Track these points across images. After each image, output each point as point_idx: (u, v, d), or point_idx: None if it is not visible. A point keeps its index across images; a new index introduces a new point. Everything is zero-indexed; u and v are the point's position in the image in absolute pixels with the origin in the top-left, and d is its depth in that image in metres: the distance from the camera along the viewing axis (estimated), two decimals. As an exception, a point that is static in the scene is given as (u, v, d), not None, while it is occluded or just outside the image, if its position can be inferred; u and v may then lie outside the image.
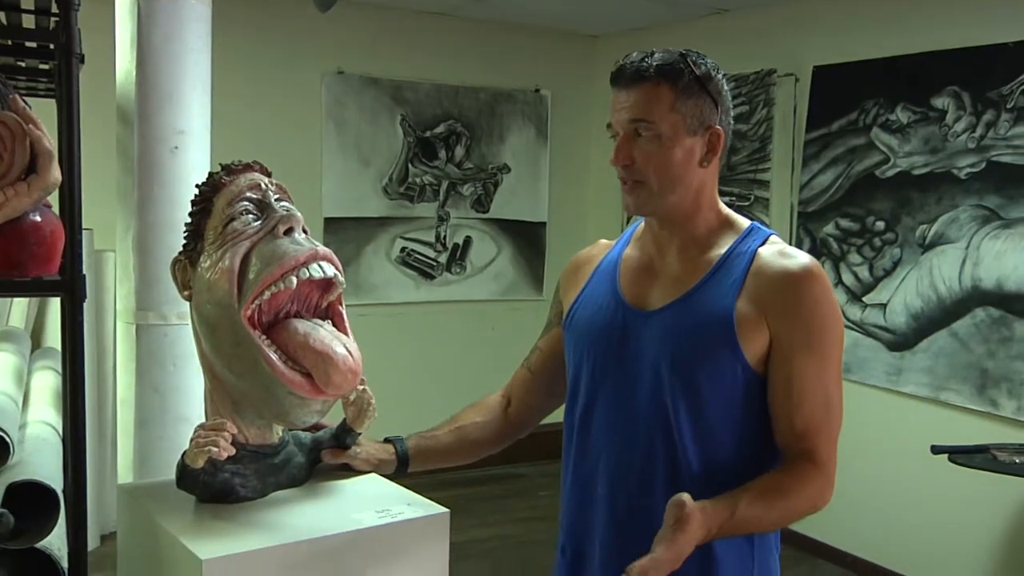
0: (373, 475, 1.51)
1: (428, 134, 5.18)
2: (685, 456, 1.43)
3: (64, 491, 1.42)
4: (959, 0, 3.76)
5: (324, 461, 1.48)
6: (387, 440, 1.58)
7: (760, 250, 1.46)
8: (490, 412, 1.69)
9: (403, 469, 1.57)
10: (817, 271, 1.43)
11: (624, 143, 1.44)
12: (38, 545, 1.36)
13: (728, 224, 1.51)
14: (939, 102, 3.78)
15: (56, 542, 1.38)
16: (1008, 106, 3.54)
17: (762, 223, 1.54)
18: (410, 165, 5.14)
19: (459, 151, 5.28)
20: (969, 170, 3.67)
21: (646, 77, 1.42)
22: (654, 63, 1.42)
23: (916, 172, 3.86)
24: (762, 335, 1.41)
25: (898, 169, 3.93)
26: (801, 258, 1.44)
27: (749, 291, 1.42)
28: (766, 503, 1.36)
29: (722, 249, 1.47)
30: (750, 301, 1.41)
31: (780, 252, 1.45)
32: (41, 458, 1.56)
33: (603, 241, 1.67)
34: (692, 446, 1.43)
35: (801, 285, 1.41)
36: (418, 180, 5.17)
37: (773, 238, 1.49)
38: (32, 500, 1.39)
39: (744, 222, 1.52)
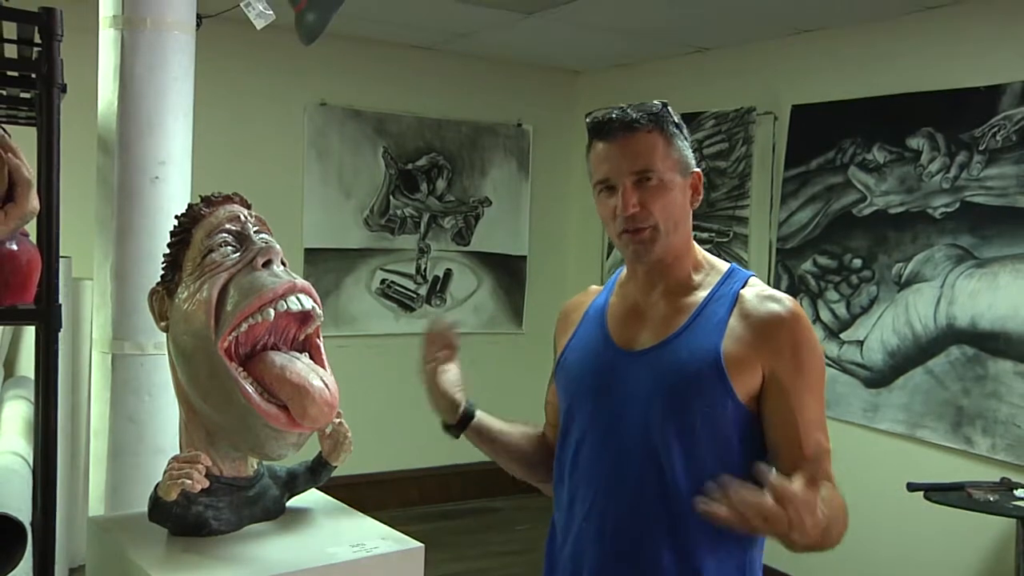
0: (347, 510, 1.50)
1: (410, 166, 5.20)
2: (676, 488, 1.45)
3: (32, 523, 1.40)
4: (934, 44, 3.83)
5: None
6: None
7: (742, 292, 1.50)
8: (535, 433, 1.74)
9: (460, 427, 1.65)
10: (801, 310, 1.49)
11: (629, 192, 1.45)
12: (4, 578, 1.34)
13: (708, 266, 1.56)
14: (914, 143, 3.84)
15: None
16: (980, 148, 3.60)
17: (740, 262, 1.57)
18: (391, 197, 5.15)
19: (440, 184, 5.30)
20: (944, 210, 3.72)
21: (638, 126, 1.46)
22: (642, 112, 1.46)
23: (892, 211, 3.91)
24: (754, 374, 1.44)
25: (875, 208, 3.98)
26: (786, 300, 1.49)
27: (736, 332, 1.46)
28: (828, 507, 1.33)
29: (705, 291, 1.51)
30: (738, 341, 1.45)
31: (764, 295, 1.49)
32: (9, 489, 1.54)
33: (593, 287, 1.71)
34: (684, 480, 1.45)
35: (793, 327, 1.46)
36: (399, 212, 5.18)
37: (752, 280, 1.53)
38: None
39: (723, 265, 1.57)
